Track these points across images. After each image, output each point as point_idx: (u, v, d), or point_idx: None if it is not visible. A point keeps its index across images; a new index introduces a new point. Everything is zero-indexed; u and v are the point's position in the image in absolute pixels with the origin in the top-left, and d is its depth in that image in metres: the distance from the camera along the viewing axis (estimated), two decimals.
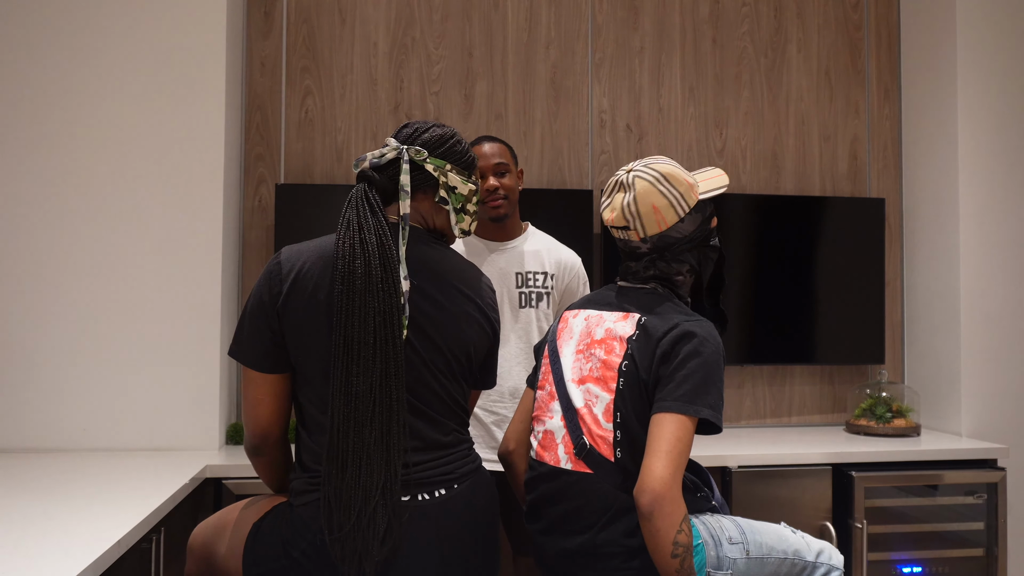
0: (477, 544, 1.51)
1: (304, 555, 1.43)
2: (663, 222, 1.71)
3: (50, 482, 2.08)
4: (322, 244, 1.50)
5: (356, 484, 1.38)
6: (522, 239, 2.41)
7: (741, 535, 1.66)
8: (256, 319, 1.48)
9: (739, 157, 3.30)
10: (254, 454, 1.56)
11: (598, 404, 1.65)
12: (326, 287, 1.44)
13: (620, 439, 1.61)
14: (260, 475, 1.62)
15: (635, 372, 1.61)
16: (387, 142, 1.57)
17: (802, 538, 1.74)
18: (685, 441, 1.52)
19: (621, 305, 1.73)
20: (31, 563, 1.41)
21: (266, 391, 1.49)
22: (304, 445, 1.48)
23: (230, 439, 2.75)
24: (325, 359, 1.43)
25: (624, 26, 3.24)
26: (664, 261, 1.74)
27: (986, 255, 3.09)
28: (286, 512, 1.49)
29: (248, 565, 1.48)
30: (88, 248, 2.58)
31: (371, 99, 3.07)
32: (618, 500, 1.60)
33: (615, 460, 1.61)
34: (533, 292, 2.36)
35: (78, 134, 2.59)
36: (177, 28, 2.64)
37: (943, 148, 3.17)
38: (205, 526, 1.61)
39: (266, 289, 1.47)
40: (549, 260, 2.39)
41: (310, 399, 1.47)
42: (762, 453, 2.67)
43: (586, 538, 1.62)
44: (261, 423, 1.51)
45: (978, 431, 3.05)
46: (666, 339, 1.60)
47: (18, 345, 2.54)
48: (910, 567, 2.73)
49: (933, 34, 3.23)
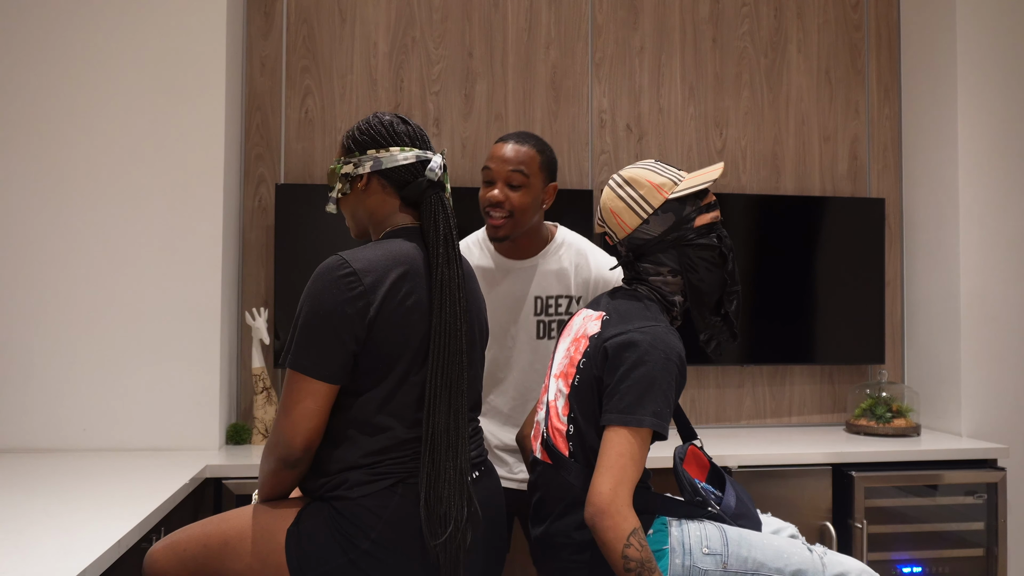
0: (500, 523, 1.64)
1: (376, 544, 1.44)
2: (624, 225, 1.75)
3: (50, 482, 2.08)
4: (393, 251, 1.53)
5: (454, 467, 1.48)
6: (546, 253, 2.05)
7: (723, 546, 1.57)
8: (337, 333, 1.45)
9: (739, 157, 3.30)
10: (288, 467, 1.48)
11: (560, 399, 1.70)
12: (415, 293, 1.50)
13: (572, 434, 1.66)
14: (278, 488, 1.53)
15: (589, 370, 1.65)
16: (426, 154, 1.62)
17: (819, 558, 1.59)
18: (629, 453, 1.52)
19: (600, 304, 1.78)
20: (31, 563, 1.41)
21: (325, 404, 1.47)
22: (356, 445, 1.48)
23: (230, 439, 2.75)
24: (409, 361, 1.49)
25: (624, 26, 3.24)
26: (640, 262, 1.76)
27: (986, 255, 3.09)
28: (328, 509, 1.47)
29: (299, 569, 1.45)
30: (88, 248, 2.58)
31: (371, 99, 3.07)
32: (571, 493, 1.64)
33: (569, 454, 1.66)
34: (554, 320, 2.03)
35: (78, 134, 2.59)
36: (177, 28, 2.64)
37: (943, 148, 3.17)
38: (176, 548, 1.53)
39: (346, 302, 1.45)
40: (577, 281, 2.04)
41: (370, 401, 1.48)
42: (762, 453, 2.67)
43: (544, 527, 1.68)
44: (311, 435, 1.47)
45: (978, 431, 3.05)
46: (611, 343, 1.61)
47: (18, 345, 2.54)
48: (910, 567, 2.73)
49: (933, 34, 3.23)
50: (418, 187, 1.59)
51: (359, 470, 1.47)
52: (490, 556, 1.61)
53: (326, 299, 1.45)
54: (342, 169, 1.62)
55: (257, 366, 2.77)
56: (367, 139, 1.61)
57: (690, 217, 1.71)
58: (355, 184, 1.61)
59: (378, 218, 1.62)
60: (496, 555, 1.63)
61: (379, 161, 1.58)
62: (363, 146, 1.61)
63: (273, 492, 1.54)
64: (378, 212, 1.62)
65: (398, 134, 1.61)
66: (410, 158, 1.59)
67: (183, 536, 1.54)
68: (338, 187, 1.62)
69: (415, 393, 1.50)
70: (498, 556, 1.64)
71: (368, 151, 1.60)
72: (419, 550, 1.46)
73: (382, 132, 1.60)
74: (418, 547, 1.46)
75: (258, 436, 2.76)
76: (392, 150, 1.59)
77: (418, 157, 1.60)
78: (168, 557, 1.53)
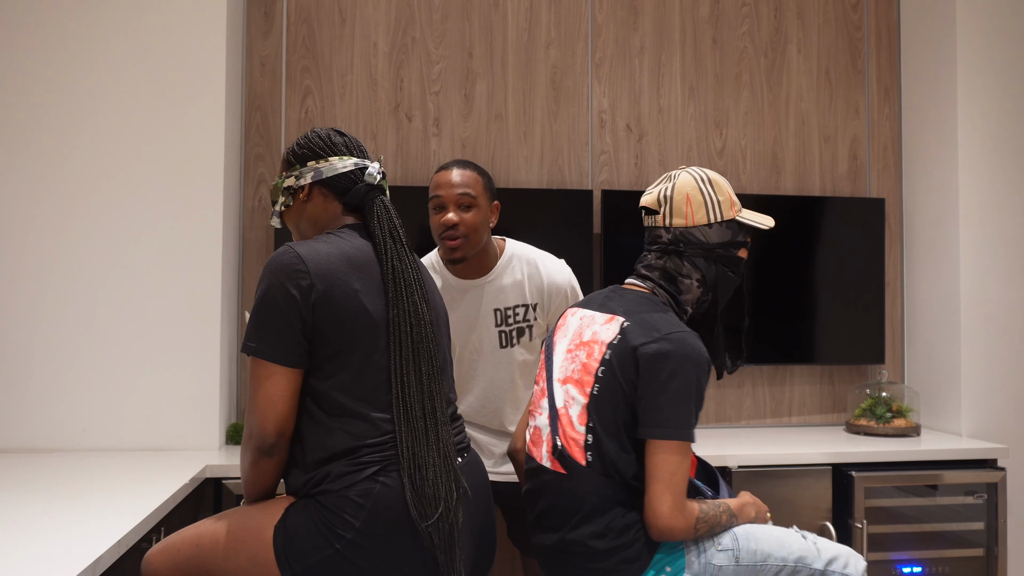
0: (489, 503, 1.66)
1: (361, 533, 1.45)
2: (691, 215, 1.73)
3: (50, 482, 2.08)
4: (336, 240, 1.58)
5: (437, 450, 1.51)
6: (499, 271, 2.18)
7: (733, 541, 1.64)
8: (283, 314, 1.49)
9: (739, 157, 3.30)
10: (266, 455, 1.52)
11: (574, 406, 1.67)
12: (362, 278, 1.54)
13: (591, 443, 1.63)
14: (260, 481, 1.56)
15: (612, 379, 1.62)
16: (364, 162, 1.68)
17: (813, 544, 1.68)
18: (678, 466, 1.57)
19: (609, 307, 1.74)
20: (31, 563, 1.41)
21: (287, 387, 1.50)
22: (332, 433, 1.50)
23: (230, 439, 2.75)
24: (368, 344, 1.52)
25: (624, 26, 3.24)
26: (678, 256, 1.74)
27: (986, 255, 3.09)
28: (312, 504, 1.49)
29: (287, 564, 1.47)
30: (88, 248, 2.58)
31: (371, 99, 3.07)
32: (587, 503, 1.62)
33: (587, 463, 1.63)
34: (514, 329, 2.18)
35: (78, 134, 2.59)
36: (177, 28, 2.64)
37: (943, 148, 3.17)
38: (171, 550, 1.55)
39: (291, 284, 1.49)
40: (531, 289, 2.17)
41: (339, 387, 1.51)
42: (762, 453, 2.67)
43: (558, 536, 1.66)
44: (281, 420, 1.50)
45: (978, 431, 3.05)
46: (644, 352, 1.61)
47: (18, 345, 2.54)
48: (910, 567, 2.73)
49: (933, 34, 3.23)
50: (358, 192, 1.65)
51: (339, 461, 1.49)
52: (483, 537, 1.63)
53: (272, 283, 1.51)
54: (284, 183, 1.68)
55: None
56: (306, 152, 1.67)
57: (738, 244, 1.77)
58: (297, 195, 1.67)
59: (321, 224, 1.67)
60: (487, 535, 1.64)
61: (319, 171, 1.65)
62: (303, 159, 1.67)
63: (256, 488, 1.57)
64: (321, 219, 1.67)
65: (335, 144, 1.67)
66: (349, 166, 1.66)
67: (178, 539, 1.57)
68: (281, 200, 1.68)
69: (381, 376, 1.52)
70: (490, 536, 1.65)
71: (308, 163, 1.66)
72: (407, 535, 1.47)
73: (320, 144, 1.67)
74: (406, 532, 1.47)
75: None
76: (331, 160, 1.66)
77: (356, 165, 1.66)
78: (164, 560, 1.55)
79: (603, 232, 3.06)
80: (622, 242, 3.06)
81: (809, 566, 1.64)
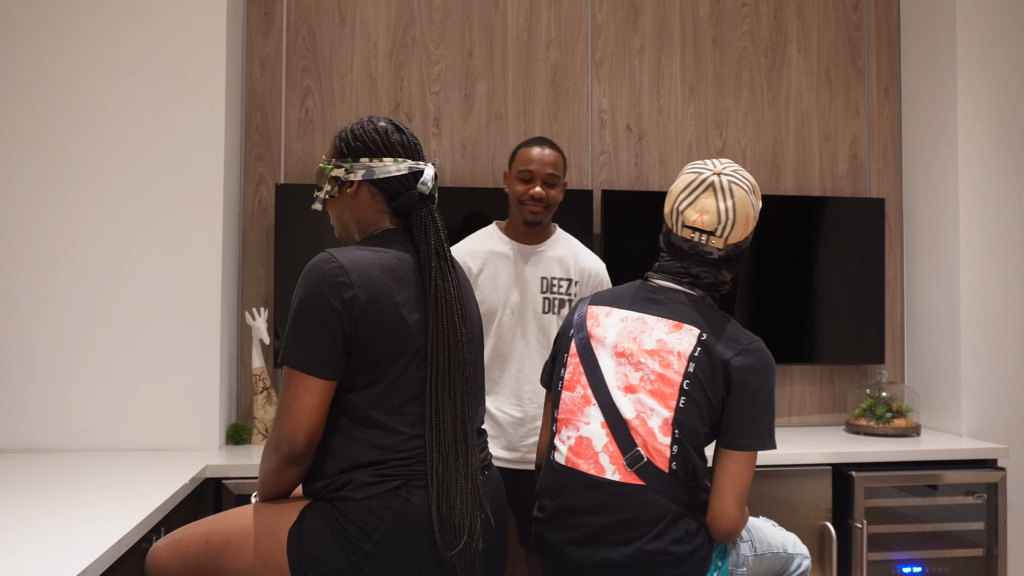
0: (503, 526, 1.66)
1: (379, 547, 1.43)
2: (747, 231, 1.73)
3: (50, 482, 2.09)
4: (381, 250, 1.54)
5: (465, 475, 1.49)
6: (550, 243, 2.41)
7: (748, 533, 1.79)
8: (326, 326, 1.45)
9: (739, 157, 3.30)
10: (292, 464, 1.48)
11: (654, 417, 1.64)
12: (404, 292, 1.51)
13: (676, 453, 1.64)
14: (281, 486, 1.53)
15: (701, 392, 1.63)
16: (419, 166, 1.61)
17: (782, 532, 1.89)
18: (750, 474, 1.66)
19: (667, 311, 1.69)
20: (31, 563, 1.41)
21: (322, 398, 1.47)
22: (357, 443, 1.48)
23: (230, 439, 2.75)
24: (406, 359, 1.49)
25: (624, 26, 3.24)
26: (724, 269, 1.74)
27: (986, 255, 3.09)
28: (330, 510, 1.47)
29: (300, 569, 1.45)
30: (88, 248, 2.58)
31: (371, 99, 3.07)
32: (670, 511, 1.63)
33: (669, 472, 1.64)
34: (556, 299, 2.37)
35: (78, 134, 2.59)
36: (177, 28, 2.64)
37: (943, 148, 3.17)
38: (179, 545, 1.54)
39: (333, 295, 1.46)
40: (575, 267, 2.39)
41: (370, 398, 1.48)
42: (762, 453, 2.67)
43: (635, 548, 1.62)
44: (312, 431, 1.47)
45: (978, 431, 3.05)
46: (735, 366, 1.63)
47: (19, 345, 2.54)
48: (910, 567, 2.73)
49: (933, 34, 3.23)
50: (409, 199, 1.60)
51: (363, 470, 1.47)
52: (495, 553, 1.63)
53: (314, 293, 1.46)
54: (332, 172, 1.61)
55: (257, 366, 2.77)
56: (360, 146, 1.60)
57: None
58: (344, 188, 1.61)
59: (365, 224, 1.62)
60: (500, 551, 1.64)
61: (371, 171, 1.58)
62: (356, 153, 1.60)
63: (275, 491, 1.54)
64: (366, 217, 1.62)
65: (392, 144, 1.60)
66: (403, 169, 1.59)
67: (185, 534, 1.54)
68: (327, 188, 1.62)
69: (415, 390, 1.50)
70: (502, 552, 1.66)
71: (361, 158, 1.59)
72: (423, 554, 1.45)
73: (376, 140, 1.60)
74: (422, 551, 1.45)
75: (258, 436, 2.76)
76: (385, 160, 1.59)
77: (411, 169, 1.60)
78: (170, 554, 1.53)
79: (603, 232, 3.06)
80: (622, 242, 3.06)
81: (787, 551, 1.84)
